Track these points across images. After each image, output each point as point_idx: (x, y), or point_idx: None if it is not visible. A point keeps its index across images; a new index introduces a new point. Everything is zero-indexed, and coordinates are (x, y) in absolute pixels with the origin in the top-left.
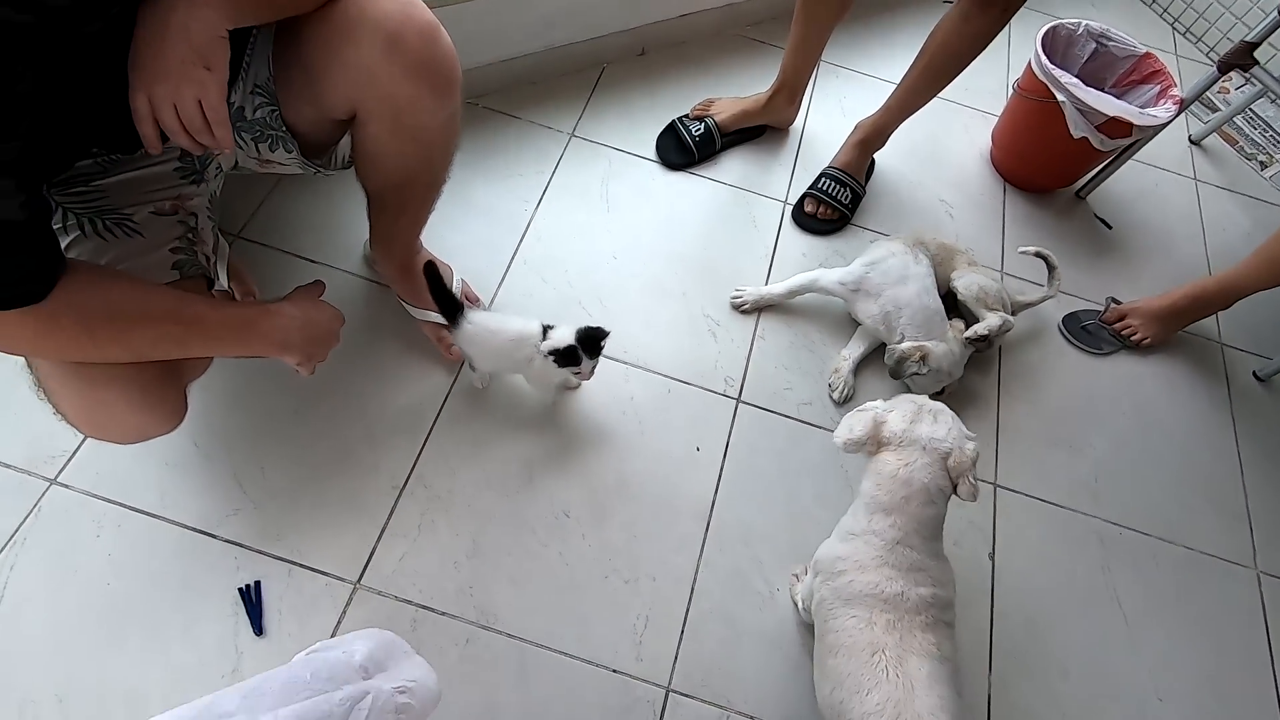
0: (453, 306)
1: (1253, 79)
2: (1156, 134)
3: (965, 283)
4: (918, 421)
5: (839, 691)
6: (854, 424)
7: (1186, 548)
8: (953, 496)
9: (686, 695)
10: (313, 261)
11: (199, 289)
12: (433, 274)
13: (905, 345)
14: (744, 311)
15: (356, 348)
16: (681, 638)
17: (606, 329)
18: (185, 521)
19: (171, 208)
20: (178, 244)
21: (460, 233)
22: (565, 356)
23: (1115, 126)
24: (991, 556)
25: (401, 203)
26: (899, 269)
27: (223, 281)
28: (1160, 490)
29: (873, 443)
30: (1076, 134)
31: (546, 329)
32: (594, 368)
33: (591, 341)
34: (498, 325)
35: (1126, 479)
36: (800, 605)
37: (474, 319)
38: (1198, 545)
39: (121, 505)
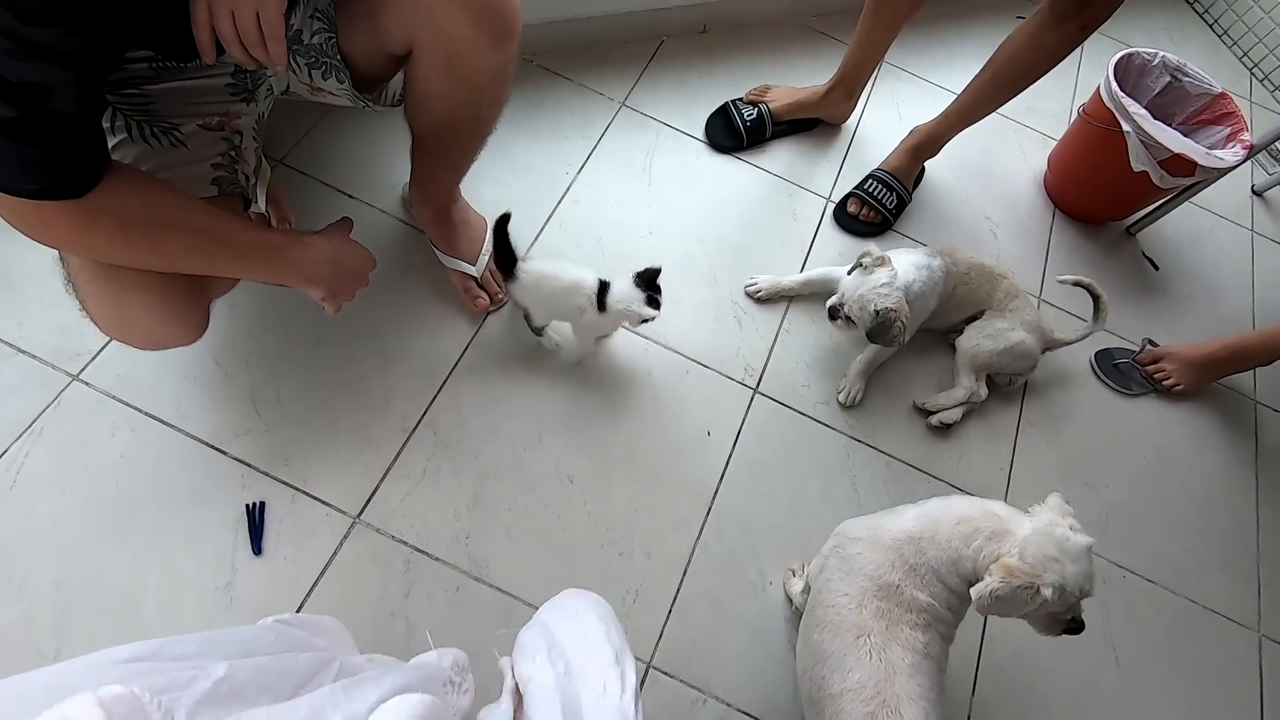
0: (510, 259)
1: None
2: (1220, 177)
3: (964, 341)
4: (1055, 539)
5: (820, 667)
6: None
7: (1189, 599)
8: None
9: (666, 674)
10: (351, 196)
11: (235, 208)
12: (501, 224)
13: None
14: (759, 300)
15: (384, 288)
16: (669, 616)
17: (658, 265)
18: (198, 434)
19: (219, 123)
20: (220, 160)
21: (499, 187)
22: (652, 304)
23: (1178, 164)
24: None
25: (445, 147)
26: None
27: (260, 204)
28: (1170, 539)
29: (1050, 509)
30: (1137, 167)
31: (604, 285)
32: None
33: (653, 282)
34: (552, 271)
35: (1137, 523)
36: (795, 597)
37: (528, 267)
38: (1201, 599)
39: (139, 410)
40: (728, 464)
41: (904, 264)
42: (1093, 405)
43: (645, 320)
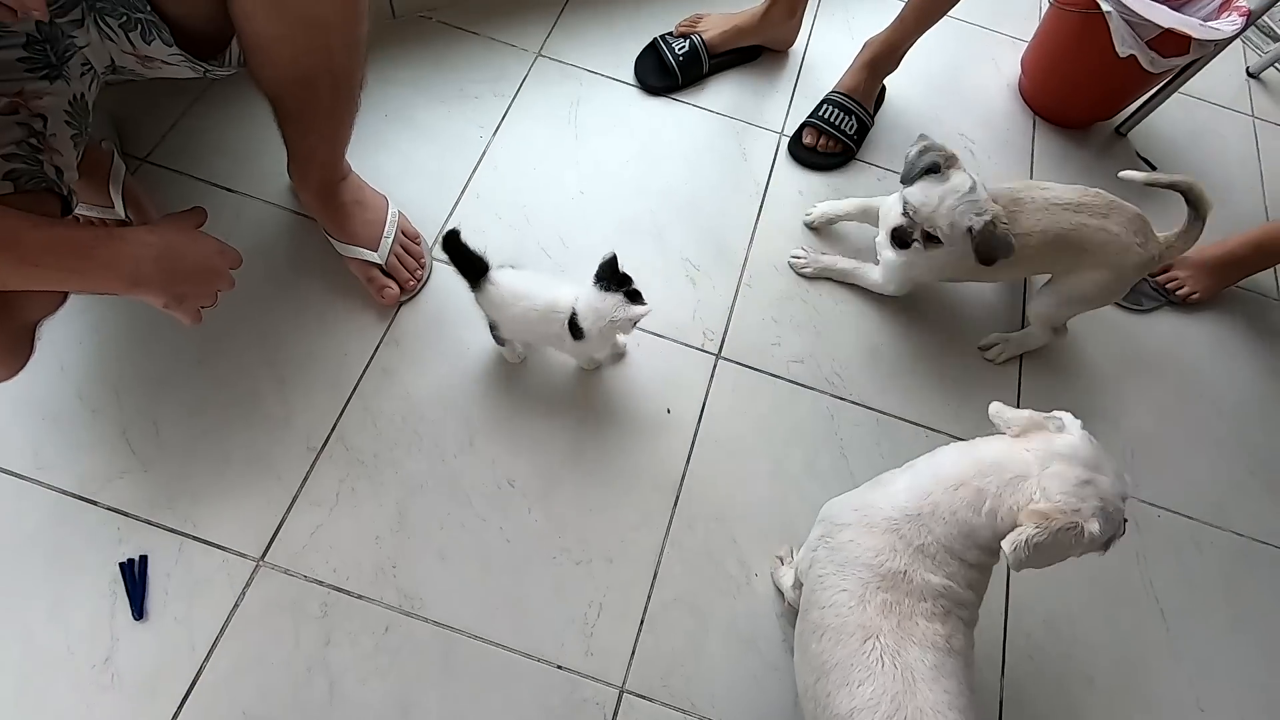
0: (474, 268)
1: None
2: (1216, 54)
3: (1036, 305)
4: (1073, 459)
5: (824, 682)
6: (1007, 415)
7: (1235, 533)
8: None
9: (642, 697)
10: (230, 190)
11: (44, 209)
12: (452, 241)
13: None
14: (806, 276)
15: (275, 288)
16: (640, 630)
17: (610, 252)
18: (61, 485)
19: (9, 105)
20: (14, 150)
21: (401, 158)
22: (634, 298)
23: (1169, 42)
24: None
25: (306, 110)
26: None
27: (118, 209)
28: (1205, 468)
29: (1026, 426)
30: (1123, 52)
31: (574, 312)
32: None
33: (615, 275)
34: (525, 289)
35: (1167, 454)
36: (787, 590)
37: (499, 279)
38: (1247, 530)
39: None
40: (693, 444)
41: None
42: (1102, 328)
43: (636, 321)
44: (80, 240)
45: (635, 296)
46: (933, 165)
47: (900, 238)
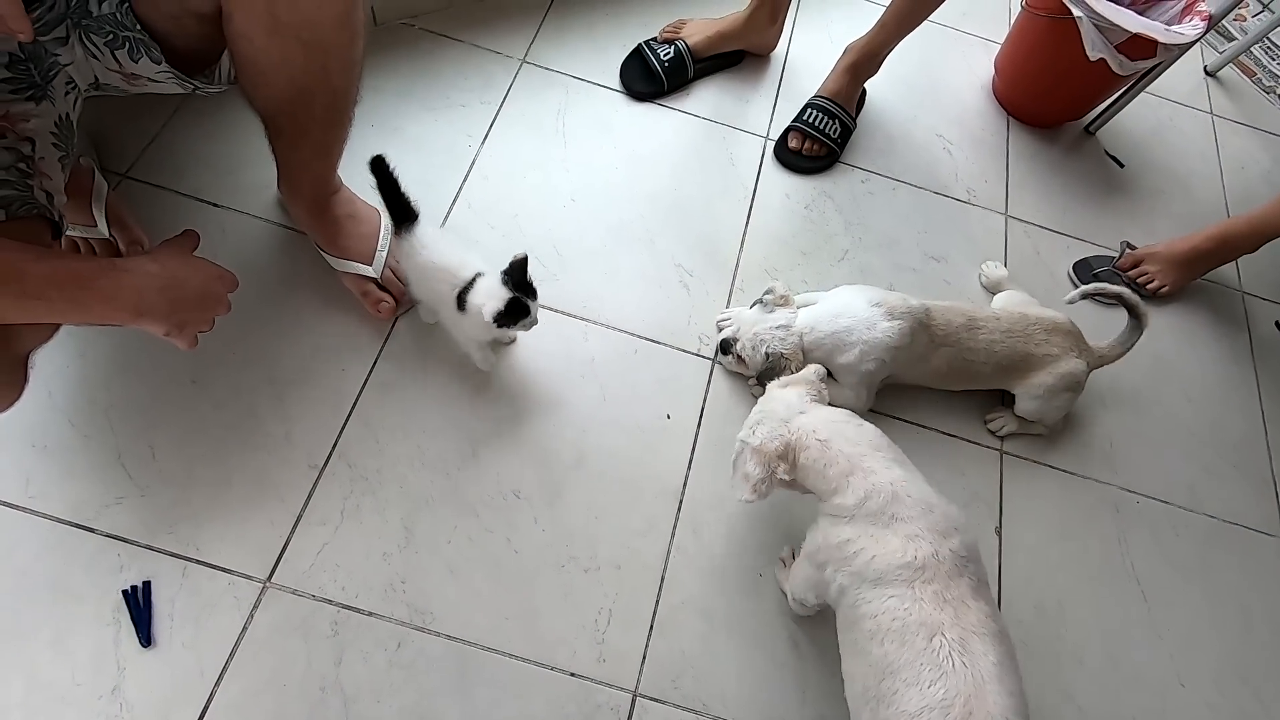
0: (403, 210)
1: (1271, 6)
2: (1179, 56)
3: (1020, 408)
4: (783, 407)
5: (891, 681)
6: (747, 469)
7: (1209, 516)
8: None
9: (656, 700)
10: (215, 205)
11: (36, 236)
12: (379, 167)
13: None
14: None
15: (268, 305)
16: (650, 634)
17: (523, 252)
18: (56, 513)
19: None
20: (4, 176)
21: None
22: (510, 314)
23: (1137, 46)
24: (998, 531)
25: (301, 127)
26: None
27: (102, 228)
28: (1179, 454)
29: (783, 460)
30: (1094, 55)
31: (471, 281)
32: (537, 308)
33: (522, 278)
34: (432, 243)
35: (1142, 443)
36: (791, 596)
37: (416, 230)
38: (1221, 513)
39: None
40: (694, 448)
41: (829, 310)
42: (1078, 321)
43: (500, 328)
44: (83, 272)
45: (520, 307)
46: (761, 299)
47: (723, 346)
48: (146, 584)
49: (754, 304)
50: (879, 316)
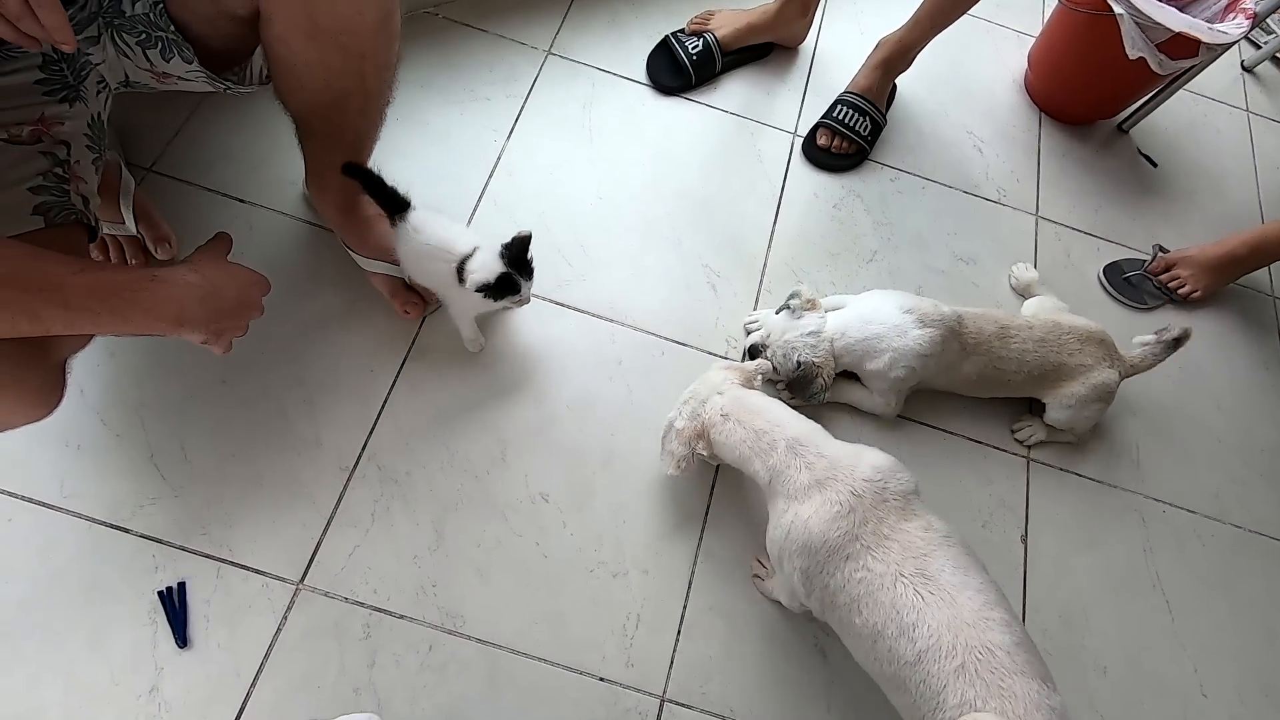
0: (393, 201)
1: None
2: (1221, 55)
3: (1050, 418)
4: (705, 388)
5: (883, 642)
6: (672, 447)
7: (1234, 526)
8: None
9: (684, 705)
10: (240, 200)
11: (73, 242)
12: (354, 171)
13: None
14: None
15: (295, 305)
16: (678, 639)
17: (527, 230)
18: (91, 514)
19: (33, 133)
20: (41, 181)
21: (414, 165)
22: (500, 288)
23: (1179, 45)
24: (1024, 539)
25: (333, 128)
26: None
27: (129, 224)
28: (1207, 463)
29: (700, 438)
30: (1133, 54)
31: (475, 251)
32: (530, 288)
33: (520, 257)
34: (425, 225)
35: (1170, 451)
36: (785, 600)
37: (411, 216)
38: (1247, 523)
39: (11, 495)
40: None
41: (859, 315)
42: (1107, 326)
43: (488, 296)
44: (124, 283)
45: (510, 283)
46: (787, 304)
47: (752, 352)
48: (182, 585)
49: (780, 308)
50: (910, 324)
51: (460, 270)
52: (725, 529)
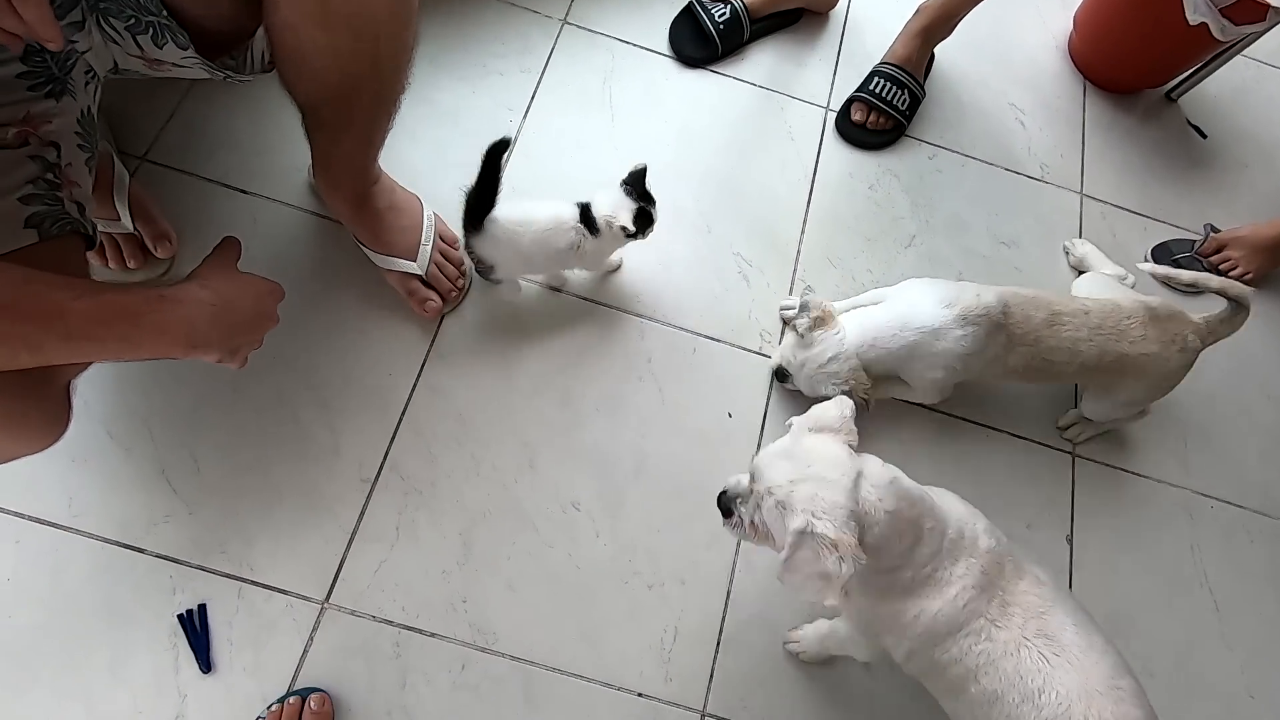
0: (487, 205)
1: None
2: None
3: (1095, 414)
4: (833, 470)
5: (1000, 708)
6: (828, 567)
7: None
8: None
9: None
10: (242, 191)
11: (70, 255)
12: (497, 153)
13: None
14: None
15: (307, 303)
16: (717, 652)
17: (642, 163)
18: (102, 533)
19: (18, 136)
20: (32, 190)
21: (428, 149)
22: (641, 220)
23: (1246, 9)
24: (1069, 539)
25: (344, 119)
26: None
27: (126, 221)
28: (1256, 456)
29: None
30: (1194, 19)
31: (584, 207)
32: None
33: (643, 188)
34: (523, 216)
35: (1218, 444)
36: (857, 656)
37: (499, 217)
38: None
39: (17, 516)
40: (758, 450)
41: (892, 319)
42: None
43: (633, 236)
44: (130, 307)
45: (646, 216)
46: (793, 324)
47: (780, 375)
48: (202, 607)
49: (788, 325)
50: (951, 323)
51: (589, 225)
52: None
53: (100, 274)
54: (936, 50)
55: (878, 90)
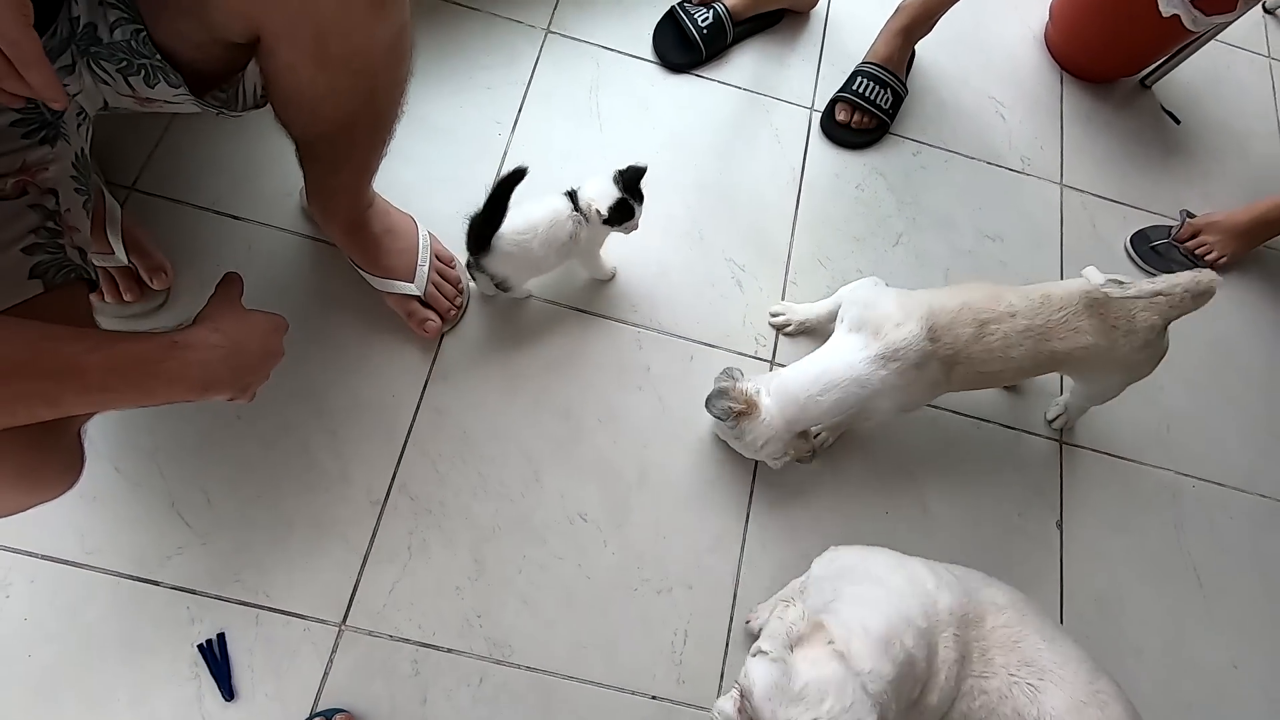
0: (492, 229)
1: None
2: (1255, 6)
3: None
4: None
5: None
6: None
7: (1261, 495)
8: None
9: None
10: (233, 217)
11: (76, 302)
12: (513, 182)
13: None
14: (787, 334)
15: (307, 329)
16: (727, 652)
17: (644, 163)
18: (117, 568)
19: (16, 186)
20: (34, 239)
21: (418, 167)
22: (619, 211)
23: (1215, 0)
24: (1059, 525)
25: (340, 152)
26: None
27: (120, 254)
28: (1236, 435)
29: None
30: (1167, 11)
31: (572, 194)
32: (641, 213)
33: (635, 184)
34: (526, 223)
35: (1200, 426)
36: None
37: (504, 232)
38: (1274, 493)
39: (30, 555)
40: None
41: (807, 380)
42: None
43: (607, 223)
44: (145, 356)
45: (626, 208)
46: (724, 413)
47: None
48: (221, 636)
49: (709, 401)
50: (871, 366)
51: (577, 208)
52: (766, 538)
53: (98, 310)
54: (917, 47)
55: (861, 90)
